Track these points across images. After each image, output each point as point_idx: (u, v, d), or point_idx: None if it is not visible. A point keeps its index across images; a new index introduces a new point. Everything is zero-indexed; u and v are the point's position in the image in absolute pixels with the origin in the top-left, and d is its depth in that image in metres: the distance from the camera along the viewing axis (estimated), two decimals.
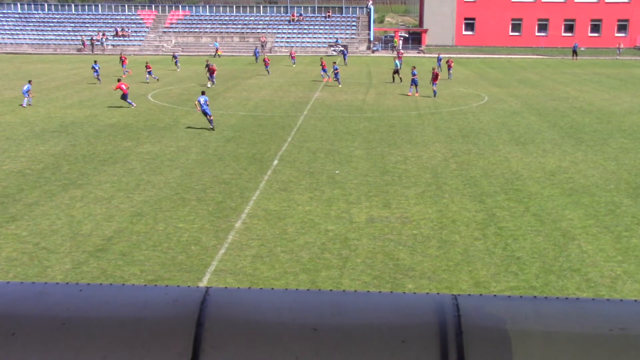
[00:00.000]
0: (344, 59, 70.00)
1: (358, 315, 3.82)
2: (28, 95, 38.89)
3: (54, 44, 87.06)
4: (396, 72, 52.39)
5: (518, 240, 16.85)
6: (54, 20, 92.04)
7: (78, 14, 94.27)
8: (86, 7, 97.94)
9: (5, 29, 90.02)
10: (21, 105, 38.69)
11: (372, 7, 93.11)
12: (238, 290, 4.83)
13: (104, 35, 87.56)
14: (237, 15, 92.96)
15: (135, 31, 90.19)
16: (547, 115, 36.68)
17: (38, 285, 5.64)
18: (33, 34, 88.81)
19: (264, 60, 61.02)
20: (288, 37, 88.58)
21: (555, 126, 33.35)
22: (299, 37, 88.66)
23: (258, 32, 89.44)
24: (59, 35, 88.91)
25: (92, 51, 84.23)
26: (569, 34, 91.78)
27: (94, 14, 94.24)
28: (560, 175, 23.43)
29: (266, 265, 15.24)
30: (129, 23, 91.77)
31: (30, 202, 20.13)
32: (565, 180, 22.70)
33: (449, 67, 55.52)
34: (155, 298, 4.91)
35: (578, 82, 54.53)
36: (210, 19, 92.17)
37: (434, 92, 43.95)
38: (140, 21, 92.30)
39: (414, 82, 44.75)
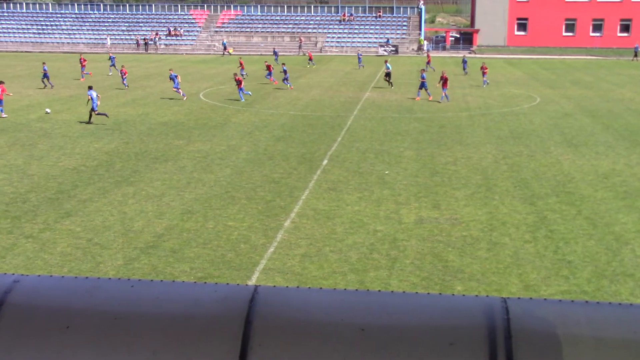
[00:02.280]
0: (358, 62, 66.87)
1: (406, 316, 3.81)
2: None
3: (110, 44, 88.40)
4: (388, 75, 49.05)
5: (569, 244, 16.60)
6: (109, 20, 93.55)
7: (132, 14, 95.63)
8: (140, 7, 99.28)
9: (63, 29, 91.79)
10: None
11: (423, 7, 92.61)
12: (286, 289, 4.84)
13: (157, 34, 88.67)
14: (288, 15, 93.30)
15: (188, 31, 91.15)
16: (600, 117, 36.05)
17: (91, 280, 5.75)
18: (89, 34, 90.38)
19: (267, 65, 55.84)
20: (338, 37, 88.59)
21: (609, 128, 32.76)
22: (349, 37, 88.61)
23: (309, 32, 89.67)
24: (114, 34, 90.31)
25: (146, 50, 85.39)
26: (625, 34, 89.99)
27: (147, 14, 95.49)
28: (613, 178, 23.01)
29: (315, 264, 15.27)
30: (182, 23, 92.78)
31: (84, 198, 20.49)
32: (619, 184, 22.28)
33: (484, 73, 50.87)
34: (204, 295, 4.96)
35: (634, 83, 53.45)
36: (262, 19, 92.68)
37: (445, 97, 41.49)
38: (192, 21, 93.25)
39: (423, 86, 42.43)
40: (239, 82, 41.06)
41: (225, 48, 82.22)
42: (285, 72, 48.50)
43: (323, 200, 20.32)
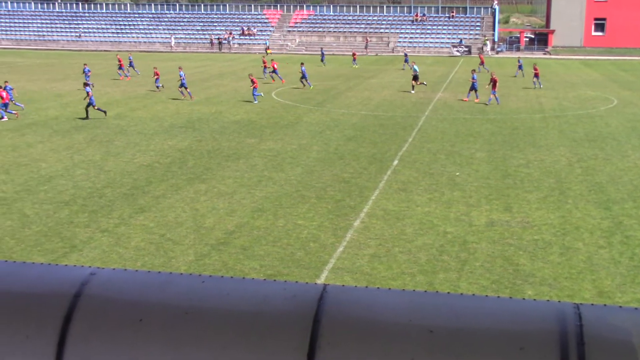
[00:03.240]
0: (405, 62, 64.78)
1: (475, 319, 3.78)
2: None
3: (184, 43, 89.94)
4: (415, 78, 46.83)
5: None
6: (184, 20, 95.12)
7: (207, 14, 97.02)
8: (215, 6, 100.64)
9: (140, 28, 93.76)
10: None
11: (497, 7, 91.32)
12: (355, 288, 4.85)
13: (230, 34, 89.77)
14: (360, 15, 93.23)
15: (261, 30, 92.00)
16: None
17: (163, 275, 5.86)
18: (165, 33, 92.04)
19: (271, 64, 54.13)
20: (411, 37, 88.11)
21: None
22: (421, 38, 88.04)
23: (381, 32, 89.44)
24: (189, 34, 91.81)
25: (220, 50, 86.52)
26: None
27: (221, 14, 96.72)
28: None
29: (384, 265, 15.24)
30: (255, 22, 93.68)
31: (158, 194, 20.90)
32: None
33: (536, 74, 48.77)
34: (274, 293, 5.01)
35: None
36: (334, 19, 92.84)
37: (495, 99, 40.12)
38: (265, 20, 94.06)
39: (473, 87, 41.48)
40: (253, 82, 40.96)
41: (267, 48, 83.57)
42: (303, 72, 48.56)
43: (393, 200, 20.25)
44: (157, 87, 45.98)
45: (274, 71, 52.02)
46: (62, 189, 21.47)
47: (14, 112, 34.78)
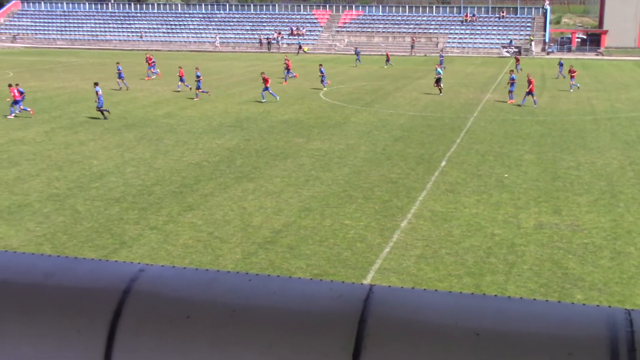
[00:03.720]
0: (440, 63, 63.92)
1: (523, 323, 3.74)
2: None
3: (233, 42, 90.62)
4: (438, 81, 45.45)
5: None
6: (234, 20, 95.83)
7: (256, 14, 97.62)
8: (264, 6, 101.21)
9: (190, 28, 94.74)
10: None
11: (548, 7, 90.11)
12: (401, 289, 4.84)
13: (279, 34, 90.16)
14: (409, 16, 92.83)
15: (310, 30, 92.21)
16: None
17: (211, 272, 5.92)
18: (214, 33, 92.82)
19: (286, 62, 54.36)
20: (460, 38, 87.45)
21: None
22: (471, 38, 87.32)
23: (430, 33, 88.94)
24: (238, 33, 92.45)
25: (269, 49, 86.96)
26: None
27: (271, 14, 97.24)
28: None
29: (430, 266, 15.17)
30: (304, 22, 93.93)
31: (206, 192, 21.09)
32: None
33: (572, 76, 47.44)
34: (320, 292, 5.02)
35: None
36: (383, 19, 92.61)
37: (534, 101, 39.40)
38: (314, 20, 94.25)
39: (512, 88, 40.83)
40: (265, 81, 40.91)
41: (300, 47, 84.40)
42: (322, 72, 48.61)
43: (440, 201, 20.13)
44: (179, 87, 45.78)
45: (288, 70, 52.40)
46: (113, 186, 21.81)
47: (28, 109, 35.19)
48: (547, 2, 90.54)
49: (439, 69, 47.26)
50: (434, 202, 20.12)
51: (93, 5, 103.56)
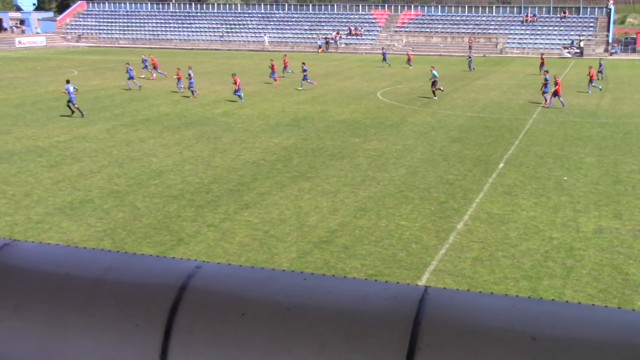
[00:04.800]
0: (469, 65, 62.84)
1: (581, 328, 3.69)
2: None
3: (292, 42, 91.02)
4: (434, 83, 43.61)
5: None
6: (292, 20, 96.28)
7: (315, 14, 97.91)
8: (323, 6, 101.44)
9: (249, 28, 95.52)
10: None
11: (612, 7, 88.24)
12: (457, 291, 4.81)
13: (338, 33, 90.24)
14: (468, 16, 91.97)
15: (368, 30, 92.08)
16: None
17: (266, 270, 5.97)
18: (273, 32, 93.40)
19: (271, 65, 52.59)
20: (520, 38, 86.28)
21: None
22: (531, 38, 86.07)
23: (489, 33, 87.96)
24: (297, 33, 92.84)
25: (327, 49, 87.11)
26: None
27: (329, 14, 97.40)
28: None
29: (486, 269, 15.02)
30: (362, 22, 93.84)
31: (263, 191, 21.24)
32: None
33: (591, 79, 45.76)
34: (374, 292, 5.02)
35: None
36: (442, 19, 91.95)
37: (561, 103, 38.67)
38: (373, 20, 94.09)
39: (546, 89, 39.90)
40: (235, 82, 40.41)
41: (320, 47, 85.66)
42: (304, 71, 48.17)
43: (497, 204, 19.92)
44: (179, 88, 45.17)
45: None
46: (172, 183, 22.12)
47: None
48: (611, 1, 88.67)
49: (434, 72, 44.24)
50: (491, 204, 19.91)
51: (155, 5, 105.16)
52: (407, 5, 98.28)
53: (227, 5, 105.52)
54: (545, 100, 39.96)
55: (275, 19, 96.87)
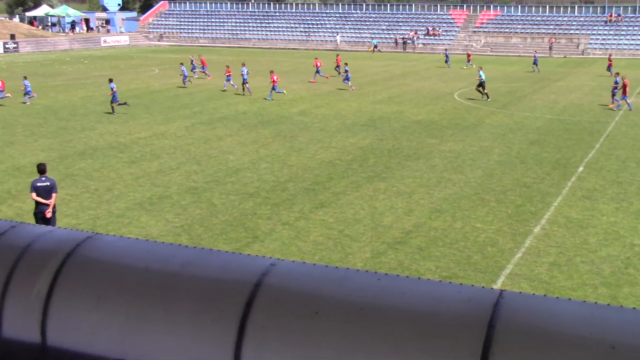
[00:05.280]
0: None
1: None
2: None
3: (369, 42, 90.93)
4: (481, 85, 42.27)
5: None
6: (370, 19, 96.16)
7: (393, 13, 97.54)
8: (401, 6, 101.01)
9: (327, 27, 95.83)
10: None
11: None
12: (533, 296, 4.74)
13: (415, 33, 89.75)
14: (549, 16, 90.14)
15: (446, 30, 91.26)
16: None
17: (341, 270, 6.00)
18: (350, 32, 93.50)
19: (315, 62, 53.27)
20: (603, 39, 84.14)
21: None
22: (615, 39, 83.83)
23: (570, 33, 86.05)
24: (374, 33, 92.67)
25: (404, 49, 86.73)
26: None
27: (407, 14, 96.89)
28: None
29: (564, 274, 14.72)
30: (440, 22, 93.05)
31: (338, 191, 21.30)
32: None
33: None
34: (449, 295, 4.99)
35: None
36: (522, 19, 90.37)
37: (627, 105, 37.41)
38: (451, 20, 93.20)
39: (615, 91, 38.42)
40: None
41: (375, 46, 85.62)
42: (347, 71, 47.91)
43: (576, 208, 19.49)
44: (227, 85, 45.83)
45: (317, 70, 51.76)
46: (248, 181, 22.39)
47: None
48: None
49: (481, 72, 43.04)
50: (570, 208, 19.50)
51: (234, 5, 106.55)
52: (486, 5, 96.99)
53: (305, 5, 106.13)
54: (613, 103, 38.90)
55: (352, 19, 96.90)
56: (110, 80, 36.88)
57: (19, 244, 6.77)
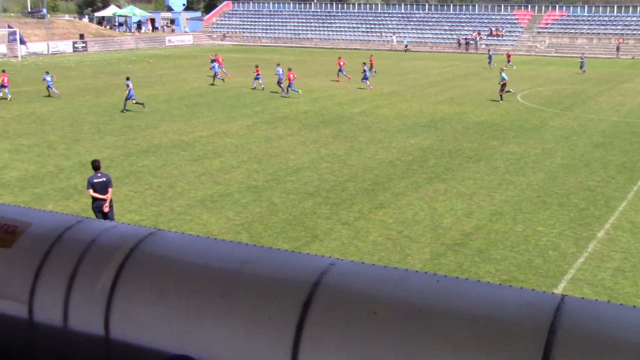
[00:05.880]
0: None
1: None
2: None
3: (431, 42, 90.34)
4: (503, 86, 41.34)
5: None
6: (432, 20, 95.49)
7: (456, 14, 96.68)
8: (464, 7, 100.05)
9: (389, 28, 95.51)
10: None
11: None
12: (596, 302, 4.66)
13: (478, 34, 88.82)
14: (617, 16, 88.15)
15: (509, 31, 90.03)
16: None
17: (399, 271, 6.00)
18: (413, 32, 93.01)
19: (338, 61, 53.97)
20: None
21: None
22: None
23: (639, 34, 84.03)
24: (436, 33, 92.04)
25: (466, 50, 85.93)
26: None
27: (470, 14, 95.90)
28: None
29: (628, 280, 14.41)
30: (504, 23, 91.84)
31: (398, 191, 21.23)
32: None
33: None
34: (508, 298, 4.94)
35: None
36: (588, 20, 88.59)
37: None
38: (515, 21, 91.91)
39: None
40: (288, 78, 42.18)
41: (406, 46, 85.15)
42: (364, 71, 47.77)
43: None
44: (256, 83, 46.59)
45: (340, 69, 51.91)
46: (308, 180, 22.48)
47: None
48: None
49: (503, 74, 41.69)
50: (635, 213, 19.06)
51: (297, 5, 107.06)
52: (552, 5, 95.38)
53: (368, 5, 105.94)
54: None
55: (415, 19, 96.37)
56: (127, 79, 37.88)
57: (84, 239, 6.94)
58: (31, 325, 6.71)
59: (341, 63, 52.55)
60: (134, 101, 36.30)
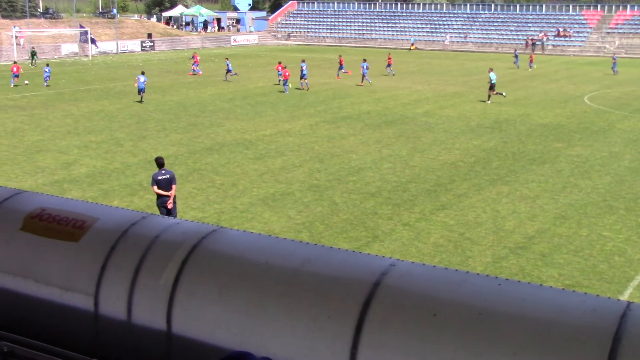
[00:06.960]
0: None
1: None
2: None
3: (496, 43, 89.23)
4: (491, 88, 40.81)
5: None
6: (498, 20, 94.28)
7: (522, 14, 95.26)
8: (531, 7, 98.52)
9: (454, 28, 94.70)
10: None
11: None
12: None
13: (545, 35, 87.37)
14: None
15: (577, 31, 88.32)
16: None
17: (460, 273, 5.95)
18: (478, 33, 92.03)
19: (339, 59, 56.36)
20: None
21: None
22: None
23: None
24: (502, 34, 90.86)
25: (533, 51, 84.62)
26: None
27: (537, 14, 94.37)
28: None
29: None
30: (572, 23, 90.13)
31: (460, 193, 21.05)
32: None
33: None
34: (572, 304, 4.86)
35: None
36: None
37: None
38: (583, 21, 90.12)
39: None
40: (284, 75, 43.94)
41: (412, 44, 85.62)
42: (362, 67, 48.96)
43: None
44: (280, 81, 46.90)
45: (341, 67, 53.89)
46: (369, 180, 22.45)
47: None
48: None
49: (491, 74, 40.97)
50: None
51: (362, 4, 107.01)
52: (622, 5, 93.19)
53: (433, 5, 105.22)
54: None
55: (480, 19, 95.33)
56: (142, 73, 40.67)
57: (148, 235, 7.07)
58: (97, 317, 6.87)
59: (342, 60, 55.20)
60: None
